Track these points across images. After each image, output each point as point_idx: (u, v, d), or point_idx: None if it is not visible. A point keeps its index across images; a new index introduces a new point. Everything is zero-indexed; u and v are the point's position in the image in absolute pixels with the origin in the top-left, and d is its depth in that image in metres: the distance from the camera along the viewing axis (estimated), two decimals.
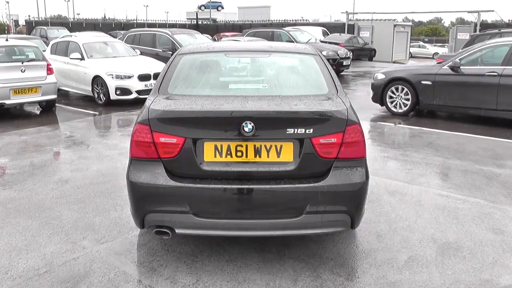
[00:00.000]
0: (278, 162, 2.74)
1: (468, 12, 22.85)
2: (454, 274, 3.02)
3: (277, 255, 3.21)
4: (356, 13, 28.92)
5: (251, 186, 2.71)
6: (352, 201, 2.82)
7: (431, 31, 66.60)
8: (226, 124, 2.70)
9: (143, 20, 40.84)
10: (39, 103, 8.64)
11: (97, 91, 9.43)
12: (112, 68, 9.38)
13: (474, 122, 7.80)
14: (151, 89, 9.40)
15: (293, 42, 16.17)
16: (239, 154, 2.73)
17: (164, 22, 40.63)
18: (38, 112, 8.85)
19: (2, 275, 2.99)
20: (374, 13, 27.79)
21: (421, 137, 6.93)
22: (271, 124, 2.70)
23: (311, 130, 2.70)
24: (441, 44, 42.52)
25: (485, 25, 21.53)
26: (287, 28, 20.06)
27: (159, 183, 2.73)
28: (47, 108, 8.77)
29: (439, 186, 4.73)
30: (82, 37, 10.65)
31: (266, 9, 56.91)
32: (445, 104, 7.87)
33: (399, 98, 8.39)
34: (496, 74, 7.20)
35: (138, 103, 9.24)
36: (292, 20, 34.18)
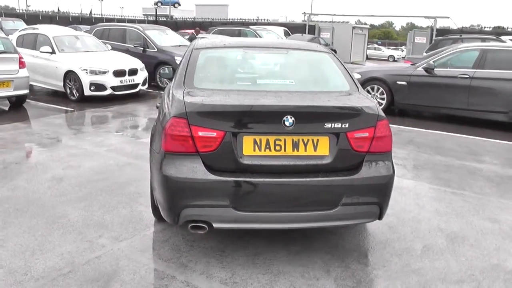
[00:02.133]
0: (315, 155, 2.80)
1: (425, 17, 24.09)
2: (468, 260, 3.23)
3: (301, 248, 3.29)
4: (317, 14, 29.61)
5: (290, 180, 2.76)
6: (382, 193, 2.95)
7: (383, 34, 69.20)
8: (267, 118, 2.74)
9: (99, 15, 39.45)
10: (9, 98, 8.15)
11: (70, 86, 9.04)
12: (86, 63, 9.03)
13: (446, 121, 8.27)
14: (126, 85, 9.30)
15: None
16: (277, 148, 2.77)
17: (121, 17, 39.51)
18: (6, 108, 8.35)
19: (21, 276, 2.86)
20: (334, 15, 28.75)
21: (400, 134, 7.24)
22: (311, 118, 2.77)
23: (347, 125, 2.79)
24: (394, 47, 44.30)
25: (440, 30, 22.74)
26: (253, 27, 20.16)
27: (197, 177, 2.71)
28: (17, 103, 8.29)
29: (430, 181, 4.99)
30: (51, 30, 10.14)
31: (224, 7, 56.70)
32: (420, 103, 8.29)
33: (375, 98, 8.72)
34: (467, 76, 7.68)
35: (112, 99, 8.98)
36: (253, 20, 34.37)
